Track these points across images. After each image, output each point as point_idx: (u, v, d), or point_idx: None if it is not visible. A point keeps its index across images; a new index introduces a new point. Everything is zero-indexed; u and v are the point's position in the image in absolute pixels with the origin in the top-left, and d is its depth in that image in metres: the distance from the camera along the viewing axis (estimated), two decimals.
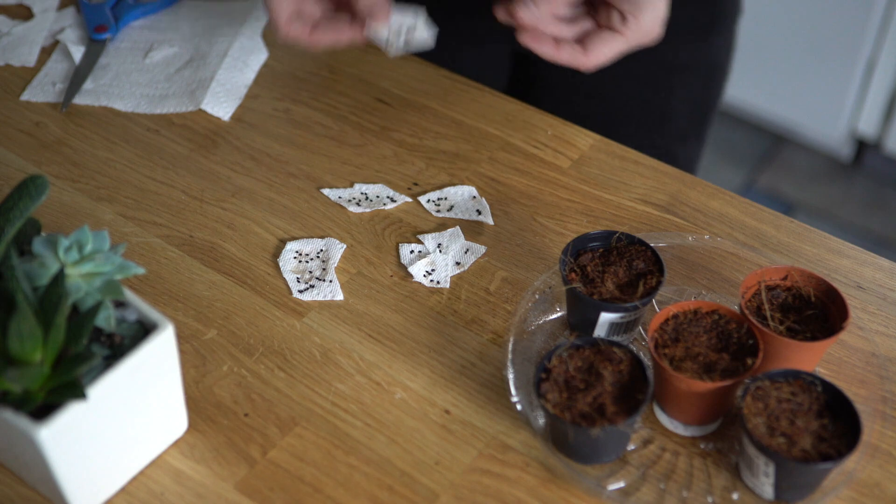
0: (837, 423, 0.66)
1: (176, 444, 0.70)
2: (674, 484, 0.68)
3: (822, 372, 0.75)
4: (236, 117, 0.96)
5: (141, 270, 0.66)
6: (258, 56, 1.02)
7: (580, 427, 0.65)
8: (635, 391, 0.68)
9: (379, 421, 0.71)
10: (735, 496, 0.67)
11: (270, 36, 1.05)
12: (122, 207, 0.86)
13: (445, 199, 0.87)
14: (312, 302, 0.79)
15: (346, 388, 0.73)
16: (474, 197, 0.88)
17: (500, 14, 0.79)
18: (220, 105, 0.96)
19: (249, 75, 1.00)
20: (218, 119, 0.95)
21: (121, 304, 0.66)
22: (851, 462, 0.68)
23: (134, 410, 0.66)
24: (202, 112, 0.96)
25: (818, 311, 0.73)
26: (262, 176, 0.90)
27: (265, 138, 0.93)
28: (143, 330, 0.66)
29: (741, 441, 0.67)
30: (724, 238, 0.85)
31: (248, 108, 0.97)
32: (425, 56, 0.99)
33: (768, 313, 0.72)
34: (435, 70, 1.01)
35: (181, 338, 0.76)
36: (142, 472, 0.68)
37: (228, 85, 0.98)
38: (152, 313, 0.66)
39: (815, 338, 0.71)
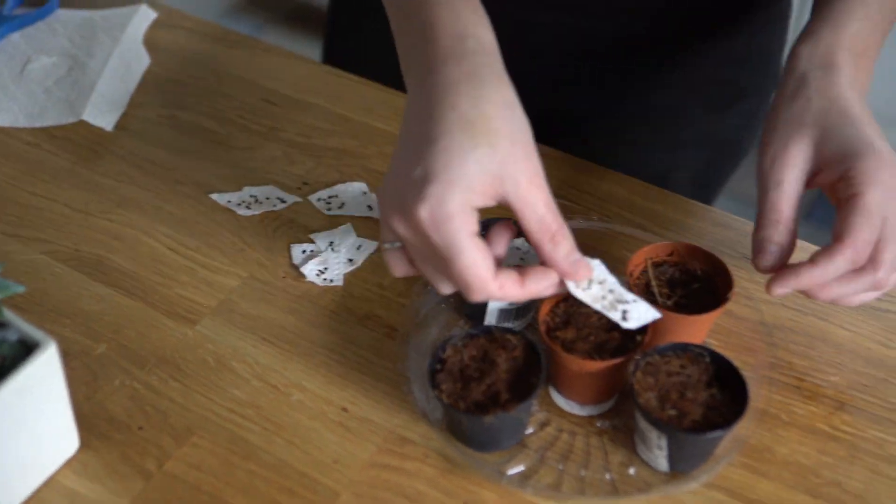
0: (726, 392, 0.68)
1: (68, 463, 0.68)
2: (572, 464, 0.69)
3: (713, 343, 0.76)
4: (120, 126, 0.94)
5: (20, 289, 0.64)
6: (140, 63, 1.01)
7: (473, 416, 0.65)
8: (530, 376, 0.68)
9: (276, 424, 0.71)
10: (632, 471, 0.68)
11: (152, 42, 1.04)
12: (3, 226, 0.84)
13: (336, 196, 0.87)
14: (205, 309, 0.78)
15: (242, 393, 0.73)
16: (365, 193, 0.87)
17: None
18: (103, 115, 0.94)
19: (132, 83, 0.99)
20: (100, 129, 0.93)
21: (2, 325, 0.65)
22: (742, 429, 0.69)
23: (21, 432, 0.64)
24: (84, 123, 0.94)
25: (705, 284, 0.74)
26: (149, 185, 0.88)
27: (150, 146, 0.92)
28: (27, 349, 0.64)
29: (635, 416, 0.68)
30: (614, 218, 0.86)
31: (131, 117, 0.95)
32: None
33: (656, 289, 0.73)
34: (320, 67, 1.01)
35: (70, 355, 0.74)
36: (34, 495, 0.67)
37: (110, 94, 0.97)
38: (33, 332, 0.64)
39: (702, 310, 0.72)
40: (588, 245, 0.82)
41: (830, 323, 0.78)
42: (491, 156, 0.62)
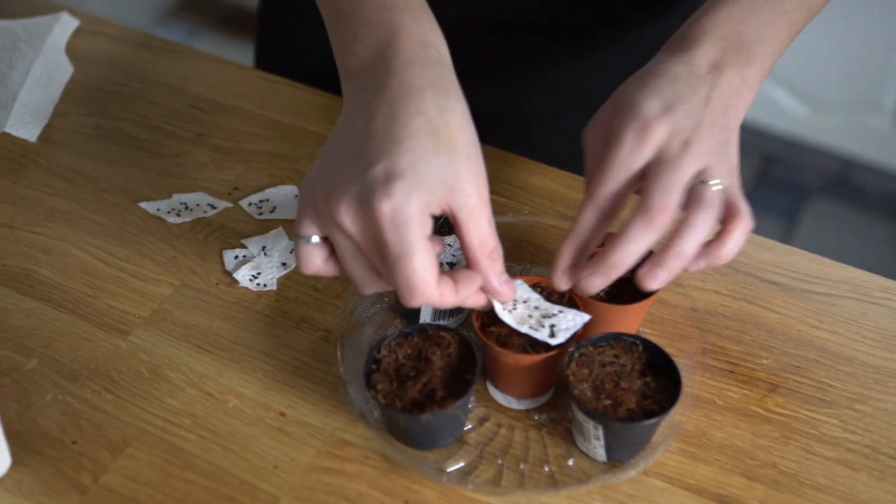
0: (660, 380, 0.68)
1: (1, 482, 0.67)
2: (511, 458, 0.69)
3: (647, 331, 0.77)
4: (44, 137, 0.92)
5: None
6: (63, 72, 0.99)
7: (410, 414, 0.65)
8: (465, 373, 0.68)
9: (213, 432, 0.70)
10: (570, 462, 0.69)
11: (75, 50, 1.02)
12: None
13: (267, 200, 0.86)
14: (137, 319, 0.77)
15: (178, 402, 0.72)
16: (296, 195, 0.87)
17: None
18: (26, 126, 0.93)
19: (55, 92, 0.97)
20: (24, 141, 0.92)
21: None
22: (678, 415, 0.70)
23: None
24: (6, 135, 0.92)
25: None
26: (76, 195, 0.87)
27: (76, 156, 0.91)
28: None
29: (571, 408, 0.68)
30: (546, 211, 0.86)
31: (56, 127, 0.94)
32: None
33: None
34: (248, 71, 1.00)
35: None
36: None
37: (33, 104, 0.95)
38: None
39: (634, 300, 0.73)
40: (521, 240, 0.83)
41: (761, 307, 0.79)
42: (450, 165, 0.62)
